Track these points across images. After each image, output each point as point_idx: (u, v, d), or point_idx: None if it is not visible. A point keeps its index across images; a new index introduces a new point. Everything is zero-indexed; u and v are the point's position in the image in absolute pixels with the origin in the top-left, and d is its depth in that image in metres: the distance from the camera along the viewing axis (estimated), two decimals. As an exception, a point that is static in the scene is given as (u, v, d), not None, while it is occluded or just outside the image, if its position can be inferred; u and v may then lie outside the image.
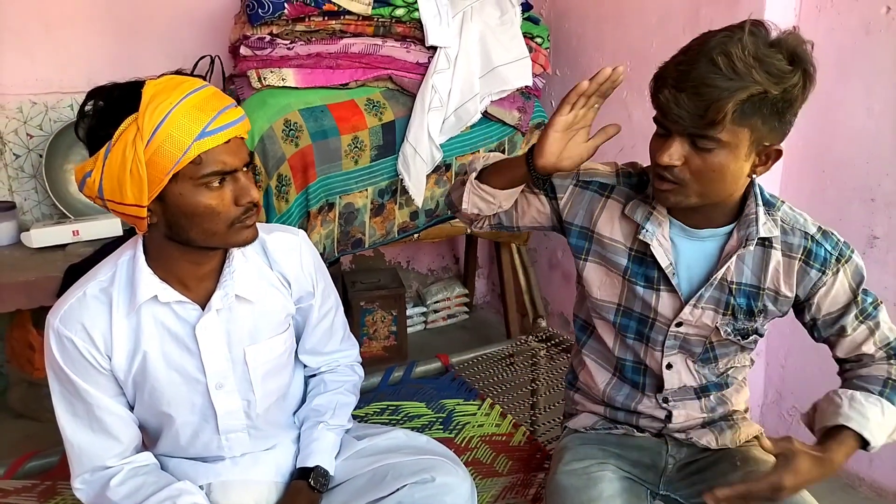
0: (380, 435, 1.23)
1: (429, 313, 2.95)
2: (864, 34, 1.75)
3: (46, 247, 2.06)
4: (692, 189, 0.99)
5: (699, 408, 1.19)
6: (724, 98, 0.90)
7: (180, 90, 0.94)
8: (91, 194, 0.96)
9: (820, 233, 1.10)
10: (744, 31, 0.93)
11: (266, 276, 1.12)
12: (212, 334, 1.06)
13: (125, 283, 1.03)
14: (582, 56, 2.46)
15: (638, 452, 1.20)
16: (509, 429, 1.54)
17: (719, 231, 1.09)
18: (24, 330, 2.13)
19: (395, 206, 2.23)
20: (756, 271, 1.10)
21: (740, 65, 0.90)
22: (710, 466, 1.18)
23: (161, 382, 1.05)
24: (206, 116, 0.93)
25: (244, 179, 0.99)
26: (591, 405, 1.27)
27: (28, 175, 2.28)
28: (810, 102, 1.97)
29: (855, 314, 1.10)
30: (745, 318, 1.11)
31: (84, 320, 1.01)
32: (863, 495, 1.94)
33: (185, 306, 1.04)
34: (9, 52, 2.17)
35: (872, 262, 1.83)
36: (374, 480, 1.13)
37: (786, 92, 0.93)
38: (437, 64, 2.14)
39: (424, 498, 1.08)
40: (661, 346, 1.15)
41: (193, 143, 0.92)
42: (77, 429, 1.05)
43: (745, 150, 0.96)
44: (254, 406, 1.12)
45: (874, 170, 1.78)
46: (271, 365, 1.13)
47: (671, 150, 0.97)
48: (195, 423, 1.09)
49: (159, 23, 2.32)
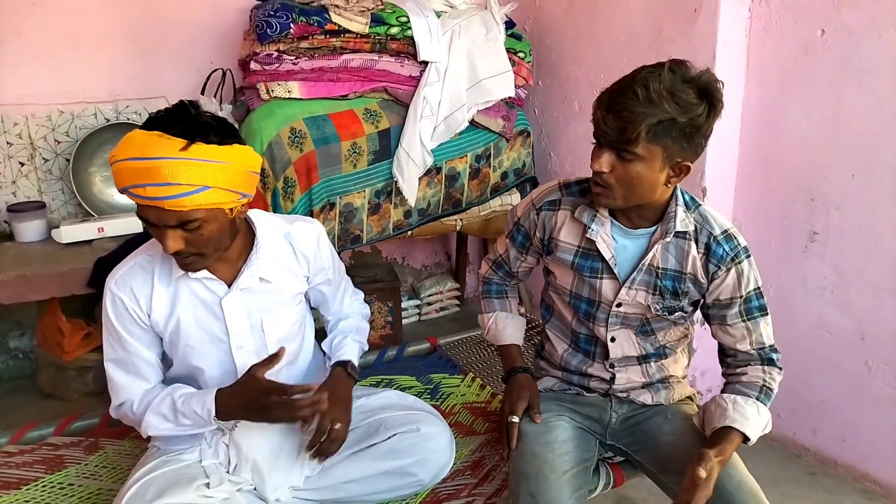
0: (375, 395, 1.46)
1: (422, 306, 3.14)
2: (803, 53, 1.96)
3: (75, 242, 2.25)
4: (617, 192, 1.21)
5: (640, 373, 1.41)
6: (638, 121, 1.12)
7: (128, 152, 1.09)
8: None
9: (723, 235, 1.29)
10: (667, 68, 1.14)
11: (285, 262, 1.34)
12: (235, 306, 1.28)
13: (165, 260, 1.25)
14: (561, 69, 2.67)
15: (588, 408, 1.43)
16: (487, 397, 1.76)
17: (650, 230, 1.31)
18: (55, 317, 2.33)
19: (391, 205, 2.42)
20: (678, 258, 1.31)
21: (655, 96, 1.11)
22: (647, 419, 1.41)
23: (192, 340, 1.28)
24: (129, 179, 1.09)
25: (169, 233, 1.13)
26: (552, 370, 1.49)
27: (56, 177, 2.48)
28: (761, 113, 2.21)
29: (738, 311, 1.31)
30: (671, 297, 1.33)
31: (132, 285, 1.24)
32: (807, 463, 2.14)
33: (214, 282, 1.27)
34: (40, 66, 2.36)
35: (813, 255, 2.05)
36: (368, 431, 1.36)
37: (692, 120, 1.13)
38: (428, 77, 2.33)
39: (410, 445, 1.32)
40: (605, 323, 1.37)
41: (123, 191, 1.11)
42: (116, 369, 1.28)
43: (658, 163, 1.17)
44: None
45: (813, 173, 2.00)
46: (283, 333, 1.35)
47: (601, 159, 1.19)
48: (219, 377, 1.31)
49: (175, 40, 2.49)
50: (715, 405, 1.31)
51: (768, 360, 1.35)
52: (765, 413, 1.29)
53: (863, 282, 1.94)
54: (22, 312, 2.58)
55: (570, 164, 2.73)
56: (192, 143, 1.08)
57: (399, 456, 1.34)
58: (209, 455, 1.29)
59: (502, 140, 2.55)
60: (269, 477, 1.30)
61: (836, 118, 1.92)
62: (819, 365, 2.09)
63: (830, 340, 2.04)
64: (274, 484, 1.31)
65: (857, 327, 1.97)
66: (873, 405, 1.97)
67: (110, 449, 1.52)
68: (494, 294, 1.58)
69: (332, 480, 1.35)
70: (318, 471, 1.37)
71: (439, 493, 1.41)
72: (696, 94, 1.13)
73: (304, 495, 1.36)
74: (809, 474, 2.10)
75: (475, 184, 2.56)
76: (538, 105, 2.81)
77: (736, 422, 1.25)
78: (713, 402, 1.32)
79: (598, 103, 1.18)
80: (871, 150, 1.86)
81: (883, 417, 1.96)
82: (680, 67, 1.15)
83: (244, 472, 1.30)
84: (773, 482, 2.03)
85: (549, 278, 1.44)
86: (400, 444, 1.33)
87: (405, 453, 1.34)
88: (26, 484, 1.40)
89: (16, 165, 2.42)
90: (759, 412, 1.28)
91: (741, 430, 1.24)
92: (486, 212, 2.63)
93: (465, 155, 2.49)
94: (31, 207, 2.34)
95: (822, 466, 2.12)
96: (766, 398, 1.31)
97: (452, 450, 1.39)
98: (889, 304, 1.89)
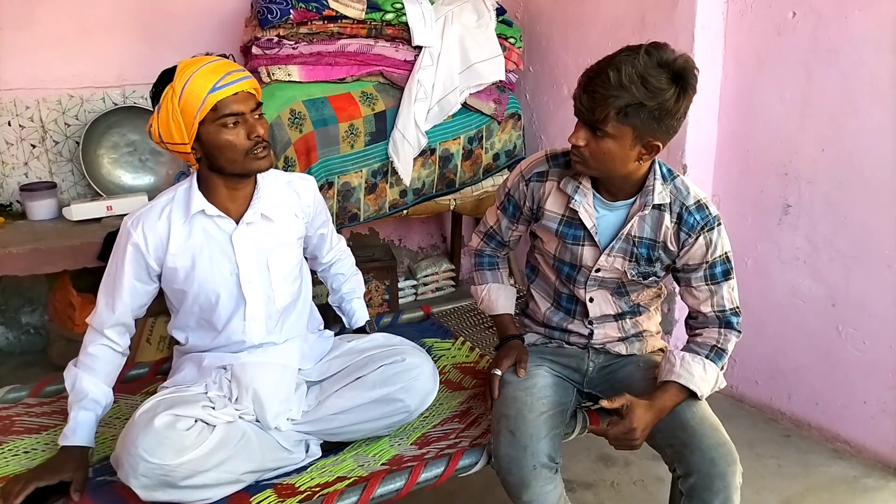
0: (364, 338, 1.59)
1: (419, 286, 3.24)
2: (776, 35, 2.07)
3: (85, 220, 2.36)
4: (592, 164, 1.31)
5: (617, 328, 1.52)
6: (607, 103, 1.20)
7: (201, 61, 1.32)
8: (155, 140, 1.35)
9: (695, 205, 1.37)
10: (642, 52, 1.20)
11: (286, 206, 1.49)
12: (244, 242, 1.42)
13: (182, 202, 1.40)
14: (550, 54, 2.78)
15: (567, 359, 1.54)
16: (476, 358, 1.87)
17: (628, 202, 1.40)
18: (66, 291, 2.43)
19: (387, 185, 2.53)
20: (654, 228, 1.40)
21: (626, 80, 1.18)
22: (621, 368, 1.52)
23: (206, 273, 1.41)
24: (216, 76, 1.29)
25: (252, 120, 1.34)
26: (535, 327, 1.60)
27: (66, 159, 2.59)
28: (737, 93, 2.30)
29: (703, 274, 1.40)
30: (645, 263, 1.42)
31: (146, 225, 1.39)
32: (782, 427, 2.25)
33: (224, 220, 1.41)
34: (50, 52, 2.47)
35: (787, 227, 2.16)
36: (357, 366, 1.50)
37: (661, 104, 1.20)
38: (422, 61, 2.42)
39: (396, 373, 1.45)
40: (584, 286, 1.47)
41: (208, 95, 1.28)
42: (103, 294, 1.43)
43: (628, 141, 1.25)
44: (273, 301, 1.46)
45: (786, 149, 2.10)
46: (286, 271, 1.49)
47: (578, 133, 1.28)
48: (231, 308, 1.44)
49: (179, 26, 2.60)
50: (666, 361, 1.42)
51: (727, 323, 1.43)
52: (712, 370, 1.38)
53: (833, 251, 2.04)
54: (33, 289, 2.69)
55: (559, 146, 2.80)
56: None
57: (386, 384, 1.46)
58: (214, 388, 1.41)
59: (494, 122, 2.65)
60: (268, 405, 1.41)
61: (806, 96, 2.02)
62: (793, 332, 2.19)
63: (804, 308, 2.15)
64: (274, 412, 1.42)
65: (829, 295, 2.08)
66: (844, 369, 2.08)
67: (123, 403, 1.63)
68: (486, 266, 1.67)
69: (325, 412, 1.47)
70: (315, 405, 1.48)
71: (430, 436, 1.52)
72: (669, 78, 1.20)
73: (300, 427, 1.47)
74: (784, 436, 2.21)
75: (468, 165, 2.66)
76: (529, 89, 2.91)
77: (681, 377, 1.36)
78: (665, 358, 1.43)
79: (579, 81, 1.27)
80: (838, 125, 1.97)
81: (852, 380, 2.06)
82: (657, 51, 1.21)
83: (245, 402, 1.41)
84: (750, 444, 2.14)
85: (536, 242, 1.55)
86: (385, 373, 1.47)
87: (391, 381, 1.46)
88: (46, 430, 1.51)
89: (28, 147, 2.53)
90: (706, 369, 1.38)
91: (686, 385, 1.35)
92: (478, 192, 2.74)
93: (458, 137, 2.59)
94: (42, 187, 2.45)
95: (796, 429, 2.23)
96: (717, 357, 1.40)
97: (436, 378, 1.51)
98: (857, 272, 2.00)
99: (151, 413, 1.27)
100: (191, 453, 1.23)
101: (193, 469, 1.24)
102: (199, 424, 1.29)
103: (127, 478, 1.23)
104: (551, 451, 1.33)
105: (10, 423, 1.52)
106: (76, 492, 1.29)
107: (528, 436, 1.33)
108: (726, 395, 2.41)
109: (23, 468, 1.37)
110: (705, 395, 1.39)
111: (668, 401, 1.36)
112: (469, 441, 1.48)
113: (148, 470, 1.20)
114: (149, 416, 1.26)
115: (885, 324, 1.96)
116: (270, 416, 1.41)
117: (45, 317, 2.67)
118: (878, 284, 1.95)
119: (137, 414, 1.28)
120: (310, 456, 1.47)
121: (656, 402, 1.35)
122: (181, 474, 1.22)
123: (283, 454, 1.43)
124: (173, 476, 1.22)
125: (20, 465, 1.39)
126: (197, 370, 1.46)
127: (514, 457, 1.32)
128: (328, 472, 1.39)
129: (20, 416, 1.55)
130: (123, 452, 1.23)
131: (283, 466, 1.43)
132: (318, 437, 1.50)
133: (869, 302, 1.98)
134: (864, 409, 2.05)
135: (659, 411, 1.34)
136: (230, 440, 1.31)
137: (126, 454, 1.22)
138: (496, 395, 1.45)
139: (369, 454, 1.46)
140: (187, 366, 1.48)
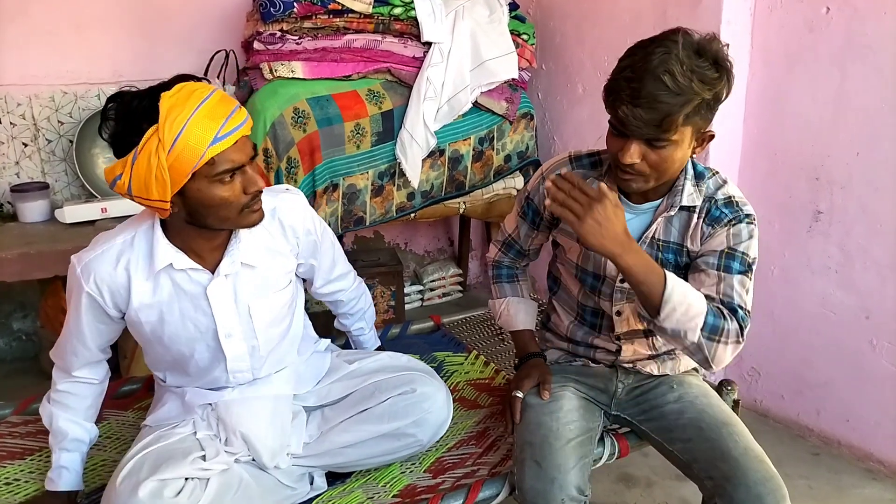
0: (367, 358, 1.45)
1: (425, 291, 3.15)
2: (807, 31, 1.96)
3: (78, 222, 2.25)
4: (650, 176, 1.19)
5: (646, 345, 1.41)
6: (676, 112, 1.09)
7: (193, 100, 1.06)
8: (121, 192, 1.11)
9: (724, 201, 1.25)
10: (677, 44, 1.09)
11: (270, 243, 1.29)
12: (221, 295, 1.23)
13: (144, 251, 1.19)
14: (564, 52, 2.67)
15: (593, 379, 1.42)
16: (491, 374, 1.76)
17: (655, 203, 1.29)
18: (59, 297, 2.32)
19: (394, 187, 2.43)
20: (681, 231, 1.28)
21: (683, 80, 1.08)
22: (652, 389, 1.40)
23: (178, 329, 1.24)
24: (216, 124, 1.06)
25: (251, 171, 1.14)
26: (558, 342, 1.49)
27: (59, 158, 2.48)
28: (764, 92, 2.19)
29: (717, 262, 1.22)
30: (673, 271, 1.27)
31: (97, 276, 1.18)
32: (811, 444, 2.14)
33: (198, 272, 1.21)
34: (43, 47, 2.37)
35: (818, 235, 2.05)
36: (363, 395, 1.36)
37: (716, 94, 1.12)
38: (432, 58, 2.32)
39: (406, 406, 1.32)
40: (610, 298, 1.36)
41: (207, 149, 1.06)
42: (65, 338, 1.27)
43: (689, 141, 1.16)
44: (258, 350, 1.31)
45: (818, 152, 1.99)
46: (273, 315, 1.31)
47: (631, 151, 1.14)
48: (208, 360, 1.28)
49: (177, 21, 2.50)
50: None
51: (731, 310, 1.20)
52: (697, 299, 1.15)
53: (868, 260, 1.94)
54: (25, 294, 2.59)
55: (573, 147, 2.66)
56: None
57: (396, 418, 1.33)
58: (203, 427, 1.28)
59: (506, 123, 2.55)
60: (260, 446, 1.28)
61: (840, 96, 1.91)
62: (823, 345, 2.08)
63: (835, 320, 2.04)
64: (269, 452, 1.29)
65: (862, 306, 1.97)
66: (877, 385, 1.97)
67: (114, 420, 1.53)
68: (505, 279, 1.56)
69: (330, 446, 1.35)
70: (317, 437, 1.36)
71: (444, 462, 1.41)
72: (713, 66, 1.11)
73: (303, 462, 1.35)
74: (813, 454, 2.10)
75: (478, 166, 2.56)
76: (542, 88, 2.81)
77: (669, 276, 1.15)
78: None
79: (615, 95, 1.13)
80: (875, 128, 1.86)
81: (886, 397, 1.96)
82: (687, 40, 1.12)
83: (236, 445, 1.28)
84: (777, 462, 1.99)
85: (557, 251, 1.44)
86: (396, 406, 1.34)
87: (402, 415, 1.34)
88: (31, 454, 1.40)
89: (19, 146, 2.43)
90: (693, 295, 1.15)
91: (667, 278, 1.14)
92: (489, 195, 2.63)
93: (468, 137, 2.49)
94: (34, 188, 2.35)
95: (825, 447, 2.12)
96: (714, 317, 1.16)
97: (449, 407, 1.38)
98: (893, 283, 1.89)
99: (134, 479, 1.13)
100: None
101: None
102: (191, 483, 1.15)
103: None
104: (580, 483, 1.22)
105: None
106: None
107: (556, 466, 1.21)
108: (749, 408, 2.31)
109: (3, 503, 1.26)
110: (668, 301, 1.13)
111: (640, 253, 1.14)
112: (488, 469, 1.37)
113: None
114: (132, 484, 1.12)
115: (923, 338, 1.85)
116: (267, 457, 1.29)
117: (37, 323, 2.56)
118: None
119: (119, 480, 1.15)
120: (315, 489, 1.35)
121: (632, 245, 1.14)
122: None
123: (287, 492, 1.31)
124: None
125: (2, 499, 1.28)
126: (181, 404, 1.33)
127: (540, 490, 1.21)
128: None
129: (2, 438, 1.44)
130: None
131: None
132: (322, 469, 1.38)
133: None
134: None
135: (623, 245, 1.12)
136: (227, 490, 1.19)
137: None
138: (518, 419, 1.33)
139: (379, 484, 1.35)
140: (170, 399, 1.34)
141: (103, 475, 1.34)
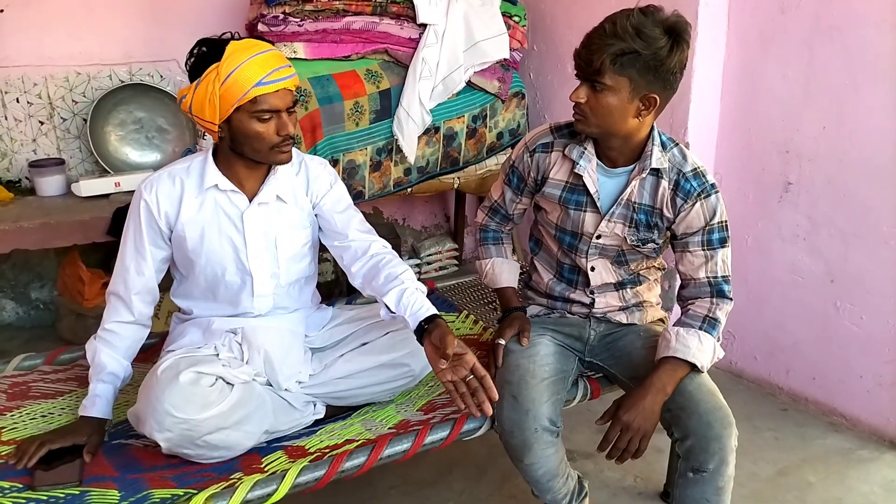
0: (365, 306, 1.65)
1: (422, 265, 3.27)
2: (779, 13, 2.08)
3: (93, 196, 2.38)
4: (592, 121, 1.34)
5: (618, 297, 1.56)
6: (602, 51, 1.24)
7: (250, 51, 1.31)
8: (184, 109, 1.37)
9: (692, 172, 1.41)
10: (636, 9, 1.26)
11: (298, 188, 1.50)
12: (254, 220, 1.44)
13: (197, 174, 1.43)
14: (555, 33, 2.78)
15: (569, 328, 1.57)
16: (479, 331, 1.90)
17: (628, 168, 1.43)
18: (76, 266, 2.47)
19: (391, 163, 2.54)
20: (651, 194, 1.43)
21: (620, 30, 1.24)
22: (622, 337, 1.55)
23: (214, 246, 1.44)
24: (263, 71, 1.30)
25: (286, 118, 1.36)
26: (538, 298, 1.64)
27: (73, 136, 2.61)
28: (741, 71, 2.33)
29: (700, 240, 1.43)
30: (644, 229, 1.45)
31: (159, 190, 1.42)
32: (780, 401, 2.29)
33: (238, 196, 1.44)
34: (58, 30, 2.48)
35: (788, 205, 2.18)
36: (363, 331, 1.55)
37: (655, 53, 1.24)
38: (427, 39, 2.43)
39: (403, 339, 1.51)
40: (585, 255, 1.51)
41: (252, 88, 1.30)
42: (126, 259, 1.44)
43: (626, 94, 1.29)
44: (279, 277, 1.50)
45: (788, 126, 2.12)
46: (294, 251, 1.51)
47: (578, 90, 1.32)
48: (237, 282, 1.47)
49: (185, 5, 2.61)
50: (662, 338, 1.44)
51: (718, 291, 1.45)
52: (708, 341, 1.40)
53: (833, 228, 2.07)
54: (42, 264, 2.73)
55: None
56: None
57: (393, 349, 1.51)
58: (224, 351, 1.44)
59: (498, 101, 2.66)
60: (278, 366, 1.45)
61: (808, 74, 2.04)
62: (792, 309, 2.23)
63: (803, 284, 2.18)
64: (285, 374, 1.46)
65: (827, 271, 2.11)
66: (841, 344, 2.12)
67: (136, 370, 1.67)
68: (491, 241, 1.70)
69: (332, 375, 1.51)
70: (321, 369, 1.53)
71: (435, 404, 1.56)
72: (663, 31, 1.25)
73: (308, 390, 1.52)
74: (782, 410, 2.25)
75: (472, 143, 2.68)
76: (533, 68, 2.92)
77: (677, 351, 1.38)
78: (661, 336, 1.45)
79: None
80: (840, 103, 1.98)
81: (849, 355, 2.10)
82: (652, 11, 1.27)
83: (257, 363, 1.44)
84: (748, 417, 2.18)
85: (539, 214, 1.58)
86: (394, 339, 1.52)
87: (398, 347, 1.51)
88: (62, 395, 1.55)
89: (36, 124, 2.55)
90: (702, 340, 1.39)
91: (684, 358, 1.37)
92: (482, 170, 2.76)
93: (462, 115, 2.61)
94: (51, 164, 2.48)
95: (793, 403, 2.27)
96: (711, 328, 1.42)
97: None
98: (855, 249, 2.03)
99: (175, 370, 1.30)
100: (214, 409, 1.28)
101: (216, 425, 1.28)
102: (220, 382, 1.33)
103: (151, 432, 1.27)
104: (552, 415, 1.37)
105: (28, 388, 1.57)
106: (88, 453, 1.33)
107: (530, 400, 1.37)
108: (725, 370, 2.45)
109: (40, 431, 1.41)
110: (706, 367, 1.40)
111: (666, 378, 1.36)
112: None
113: (173, 424, 1.25)
114: (173, 373, 1.30)
115: (882, 299, 1.99)
116: (282, 377, 1.45)
117: (55, 292, 2.70)
118: (876, 261, 1.98)
119: (160, 370, 1.32)
120: (316, 413, 1.52)
121: (654, 382, 1.35)
122: (204, 430, 1.27)
123: (295, 414, 1.47)
124: (197, 431, 1.26)
125: (38, 429, 1.43)
126: (203, 334, 1.49)
127: (516, 420, 1.36)
128: (337, 435, 1.43)
129: (36, 383, 1.59)
130: (148, 408, 1.27)
131: (293, 427, 1.47)
132: (323, 400, 1.54)
133: (867, 278, 2.01)
134: (860, 384, 2.09)
135: (658, 392, 1.34)
136: (248, 399, 1.35)
137: (151, 409, 1.26)
138: (500, 363, 1.48)
139: (377, 419, 1.50)
140: (191, 330, 1.50)
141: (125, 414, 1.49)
